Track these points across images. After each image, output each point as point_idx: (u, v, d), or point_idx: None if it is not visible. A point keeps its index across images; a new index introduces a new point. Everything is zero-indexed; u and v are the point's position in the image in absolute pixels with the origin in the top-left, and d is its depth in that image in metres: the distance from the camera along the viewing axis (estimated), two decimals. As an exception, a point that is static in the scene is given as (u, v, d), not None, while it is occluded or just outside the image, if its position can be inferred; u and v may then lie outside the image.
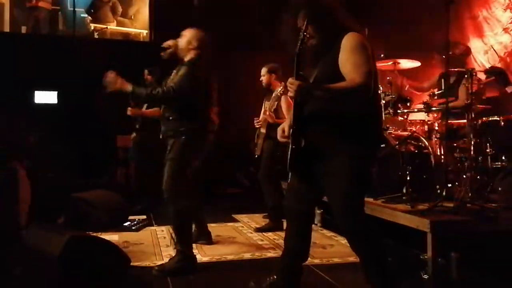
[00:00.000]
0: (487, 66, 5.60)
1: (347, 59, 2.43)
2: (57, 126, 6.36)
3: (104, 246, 2.87)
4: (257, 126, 4.94)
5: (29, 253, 2.77)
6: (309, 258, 3.65)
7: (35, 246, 2.76)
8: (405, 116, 4.72)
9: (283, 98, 4.75)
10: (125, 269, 2.92)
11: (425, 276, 3.24)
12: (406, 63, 4.90)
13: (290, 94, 2.48)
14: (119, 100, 6.05)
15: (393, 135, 4.42)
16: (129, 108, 5.57)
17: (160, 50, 3.62)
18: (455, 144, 4.42)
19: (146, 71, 5.84)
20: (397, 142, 4.24)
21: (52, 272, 2.58)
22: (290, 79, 2.47)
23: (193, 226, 4.18)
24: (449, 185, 3.93)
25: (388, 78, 4.76)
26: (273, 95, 4.81)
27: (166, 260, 3.50)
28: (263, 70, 4.93)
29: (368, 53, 2.45)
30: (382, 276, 2.55)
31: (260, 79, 4.95)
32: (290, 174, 2.85)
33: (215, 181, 6.82)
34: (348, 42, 2.46)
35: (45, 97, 6.91)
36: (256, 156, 4.90)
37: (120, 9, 8.00)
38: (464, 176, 3.90)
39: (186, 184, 3.47)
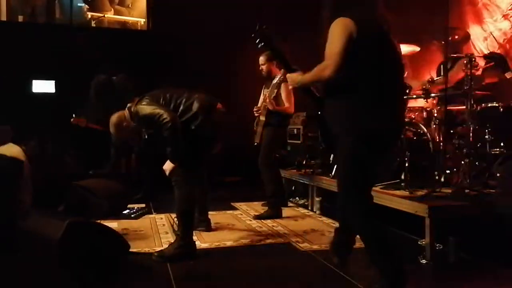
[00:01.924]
0: (486, 52, 5.58)
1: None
2: (55, 115, 6.34)
3: (104, 231, 2.88)
4: (257, 114, 4.93)
5: (30, 238, 2.77)
6: (308, 244, 3.71)
7: (36, 231, 2.77)
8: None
9: (283, 85, 4.74)
10: (124, 255, 2.93)
11: (423, 261, 3.26)
12: (405, 49, 4.88)
13: (290, 87, 3.00)
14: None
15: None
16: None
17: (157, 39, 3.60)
18: (453, 131, 4.42)
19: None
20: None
21: (52, 257, 2.59)
22: (287, 74, 2.79)
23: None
24: (448, 171, 3.95)
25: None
26: (273, 82, 4.80)
27: (165, 246, 3.51)
28: (262, 59, 4.88)
29: (342, 34, 2.45)
30: (383, 259, 2.56)
31: (260, 68, 4.92)
32: None
33: (214, 169, 6.82)
34: (330, 28, 2.52)
35: (43, 86, 6.89)
36: (256, 143, 4.90)
37: (117, -3, 7.96)
38: (463, 162, 3.90)
39: (195, 171, 3.49)
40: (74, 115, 5.85)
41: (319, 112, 2.78)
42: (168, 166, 3.39)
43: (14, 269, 2.65)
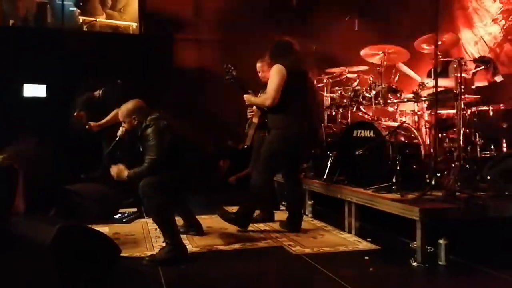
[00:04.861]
0: (477, 57, 5.62)
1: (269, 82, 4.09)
2: (46, 120, 6.31)
3: (95, 235, 2.87)
4: (250, 115, 4.87)
5: (21, 243, 2.75)
6: (300, 248, 3.72)
7: (26, 236, 2.74)
8: (395, 107, 4.74)
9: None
10: (115, 259, 2.92)
11: (415, 264, 3.27)
12: (396, 54, 4.90)
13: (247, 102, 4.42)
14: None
15: (383, 125, 4.44)
16: (91, 124, 5.53)
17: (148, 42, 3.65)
18: (444, 134, 4.45)
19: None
20: (387, 132, 4.26)
21: (43, 261, 2.57)
22: (244, 95, 4.34)
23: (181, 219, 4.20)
24: (438, 174, 3.96)
25: (377, 68, 4.78)
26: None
27: (157, 251, 3.49)
28: (259, 66, 4.66)
29: (278, 76, 4.00)
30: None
31: (259, 74, 4.67)
32: None
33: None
34: (271, 70, 4.09)
35: (34, 90, 6.85)
36: (246, 146, 4.85)
37: (109, 1, 7.94)
38: (453, 165, 3.93)
39: (162, 180, 3.46)
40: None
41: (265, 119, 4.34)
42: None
43: (6, 274, 2.63)
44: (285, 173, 4.51)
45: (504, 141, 4.25)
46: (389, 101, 4.68)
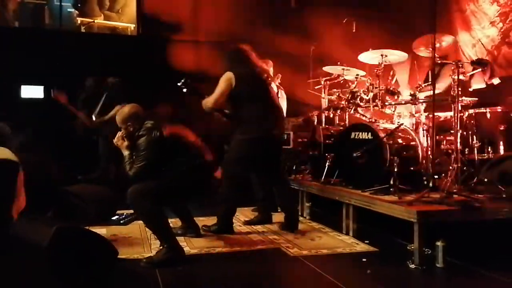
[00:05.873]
0: (475, 59, 5.63)
1: None
2: (44, 121, 6.31)
3: (92, 237, 2.86)
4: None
5: (18, 244, 2.75)
6: (298, 250, 3.72)
7: (24, 237, 2.74)
8: (393, 109, 4.75)
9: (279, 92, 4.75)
10: (113, 260, 2.91)
11: (412, 266, 3.28)
12: (394, 56, 4.91)
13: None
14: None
15: (380, 127, 4.45)
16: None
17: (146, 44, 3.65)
18: (441, 136, 4.46)
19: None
20: (384, 134, 4.27)
21: (41, 262, 2.57)
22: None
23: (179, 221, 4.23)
24: (436, 176, 3.97)
25: (375, 70, 4.78)
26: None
27: (154, 253, 3.49)
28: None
29: (224, 82, 4.09)
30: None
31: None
32: None
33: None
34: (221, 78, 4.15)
35: (32, 91, 6.85)
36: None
37: (107, 3, 7.95)
38: (451, 168, 3.94)
39: (149, 187, 3.45)
40: (54, 90, 5.81)
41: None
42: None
43: (5, 275, 2.62)
44: (267, 177, 4.53)
45: (501, 143, 4.26)
46: (386, 103, 4.69)
